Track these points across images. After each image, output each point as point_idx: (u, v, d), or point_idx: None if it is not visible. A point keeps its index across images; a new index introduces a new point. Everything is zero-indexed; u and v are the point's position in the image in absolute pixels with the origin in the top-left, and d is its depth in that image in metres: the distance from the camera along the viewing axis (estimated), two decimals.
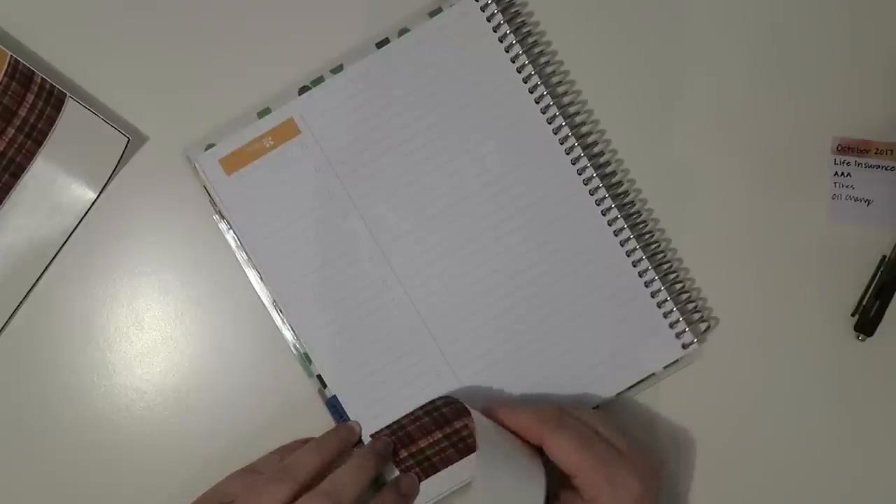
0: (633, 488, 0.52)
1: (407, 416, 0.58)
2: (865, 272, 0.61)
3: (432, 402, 0.58)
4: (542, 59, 0.61)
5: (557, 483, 0.54)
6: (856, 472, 0.60)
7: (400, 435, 0.58)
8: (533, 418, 0.55)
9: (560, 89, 0.61)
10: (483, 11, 0.60)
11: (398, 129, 0.60)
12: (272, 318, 0.59)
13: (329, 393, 0.59)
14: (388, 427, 0.58)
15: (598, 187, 0.59)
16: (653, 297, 0.59)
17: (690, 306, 0.60)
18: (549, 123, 0.60)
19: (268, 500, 0.53)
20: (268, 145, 0.59)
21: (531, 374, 0.59)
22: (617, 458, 0.53)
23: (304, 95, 0.60)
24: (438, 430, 0.57)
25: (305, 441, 0.59)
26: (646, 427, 0.60)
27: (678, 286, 0.60)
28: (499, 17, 0.60)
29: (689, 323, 0.59)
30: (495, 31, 0.60)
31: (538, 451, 0.55)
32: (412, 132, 0.60)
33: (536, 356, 0.59)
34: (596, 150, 0.60)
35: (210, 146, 0.59)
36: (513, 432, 0.55)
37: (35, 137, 0.59)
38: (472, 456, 0.58)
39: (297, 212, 0.59)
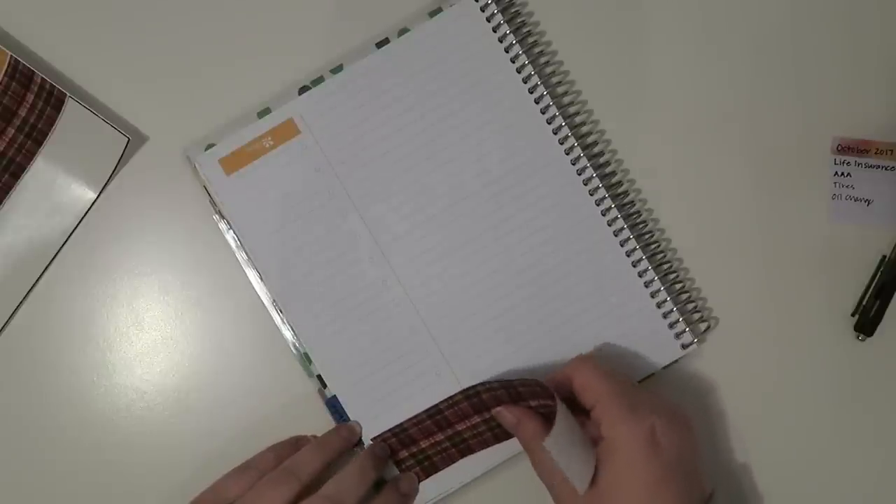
0: (654, 421, 0.51)
1: (410, 419, 0.58)
2: (865, 272, 0.61)
3: (436, 405, 0.58)
4: (542, 59, 0.61)
5: None
6: (856, 471, 0.60)
7: (402, 437, 0.58)
8: (562, 369, 0.55)
9: (560, 89, 0.61)
10: (483, 11, 0.60)
11: (398, 129, 0.60)
12: (272, 318, 0.59)
13: (329, 393, 0.59)
14: (389, 430, 0.58)
15: (597, 187, 0.59)
16: (652, 297, 0.59)
17: (690, 306, 0.60)
18: (549, 123, 0.60)
19: (270, 501, 0.53)
20: (268, 145, 0.59)
21: (531, 375, 0.59)
22: (640, 391, 0.52)
23: (304, 95, 0.60)
24: (440, 432, 0.57)
25: (300, 438, 0.58)
26: None
27: (678, 286, 0.60)
28: (499, 17, 0.60)
29: (689, 323, 0.59)
30: (495, 31, 0.60)
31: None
32: (412, 132, 0.60)
33: (536, 356, 0.59)
34: (596, 150, 0.60)
35: (210, 146, 0.59)
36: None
37: (35, 137, 0.59)
38: (473, 456, 0.58)
39: (297, 212, 0.59)
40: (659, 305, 0.59)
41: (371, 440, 0.58)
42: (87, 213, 0.60)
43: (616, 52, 0.62)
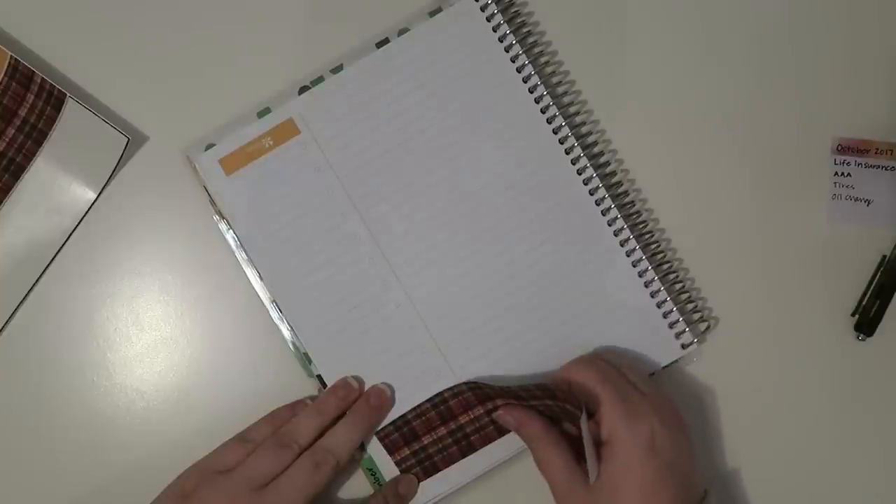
0: (652, 425, 0.52)
1: (413, 409, 0.58)
2: (865, 272, 0.61)
3: (440, 393, 0.58)
4: (542, 59, 0.61)
5: None
6: (856, 471, 0.60)
7: (404, 431, 0.58)
8: (560, 371, 0.56)
9: (560, 89, 0.61)
10: (483, 11, 0.60)
11: (398, 129, 0.60)
12: (272, 318, 0.59)
13: None
14: (392, 423, 0.58)
15: (597, 187, 0.59)
16: (652, 297, 0.59)
17: (690, 306, 0.60)
18: (549, 123, 0.60)
19: (270, 468, 0.54)
20: (267, 145, 0.59)
21: (531, 375, 0.59)
22: (636, 395, 0.54)
23: (304, 95, 0.60)
24: (443, 426, 0.57)
25: (296, 403, 0.58)
26: None
27: (678, 286, 0.60)
28: (499, 17, 0.60)
29: (689, 323, 0.59)
30: (495, 31, 0.60)
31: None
32: (412, 132, 0.60)
33: (536, 356, 0.59)
34: (596, 150, 0.60)
35: (210, 146, 0.59)
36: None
37: (35, 137, 0.59)
38: (473, 456, 0.58)
39: (296, 212, 0.59)
40: (659, 305, 0.59)
41: (375, 435, 0.58)
42: (87, 213, 0.60)
43: (616, 52, 0.62)
